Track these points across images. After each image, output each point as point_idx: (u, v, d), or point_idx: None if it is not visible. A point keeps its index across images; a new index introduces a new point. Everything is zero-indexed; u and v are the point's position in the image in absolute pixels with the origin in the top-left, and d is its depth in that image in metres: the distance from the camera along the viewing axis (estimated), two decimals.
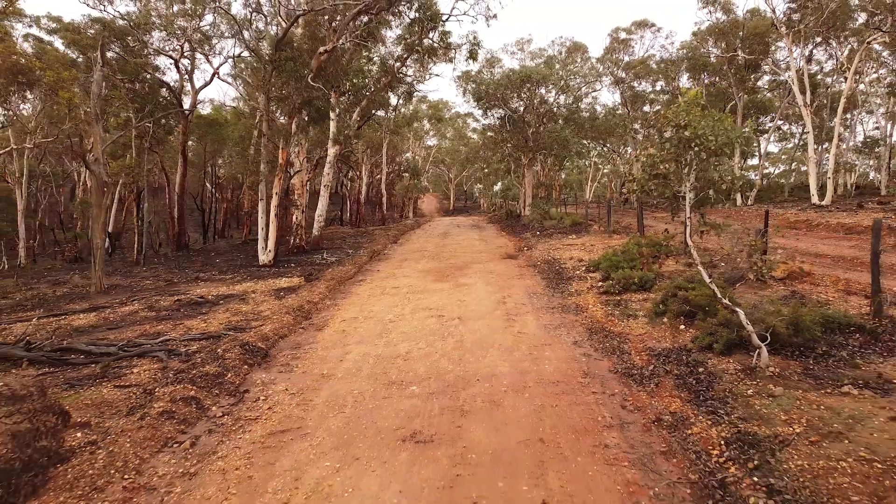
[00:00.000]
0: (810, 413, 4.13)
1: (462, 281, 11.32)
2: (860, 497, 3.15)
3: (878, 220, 5.95)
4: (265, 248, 14.18)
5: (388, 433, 4.51)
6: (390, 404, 5.09)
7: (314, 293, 9.94)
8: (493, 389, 5.35)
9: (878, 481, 3.22)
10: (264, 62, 13.47)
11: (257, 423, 4.84)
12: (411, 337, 7.25)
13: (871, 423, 3.87)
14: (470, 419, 4.72)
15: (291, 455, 4.22)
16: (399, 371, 5.98)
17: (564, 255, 13.20)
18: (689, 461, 3.94)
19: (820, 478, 3.39)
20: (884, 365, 4.93)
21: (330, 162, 18.10)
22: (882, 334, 5.53)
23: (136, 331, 7.87)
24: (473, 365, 6.07)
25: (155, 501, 3.65)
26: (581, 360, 6.11)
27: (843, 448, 3.61)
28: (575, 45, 28.95)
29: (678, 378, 5.25)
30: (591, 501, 3.50)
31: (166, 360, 6.31)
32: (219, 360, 6.09)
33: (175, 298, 9.84)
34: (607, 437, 4.35)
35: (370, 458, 4.11)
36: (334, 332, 7.74)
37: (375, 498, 3.59)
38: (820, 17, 19.70)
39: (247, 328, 7.64)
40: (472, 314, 8.34)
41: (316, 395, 5.41)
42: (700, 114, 5.08)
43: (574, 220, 19.66)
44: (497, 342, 6.87)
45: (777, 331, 5.31)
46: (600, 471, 3.87)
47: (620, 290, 8.65)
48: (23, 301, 11.78)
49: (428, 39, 17.56)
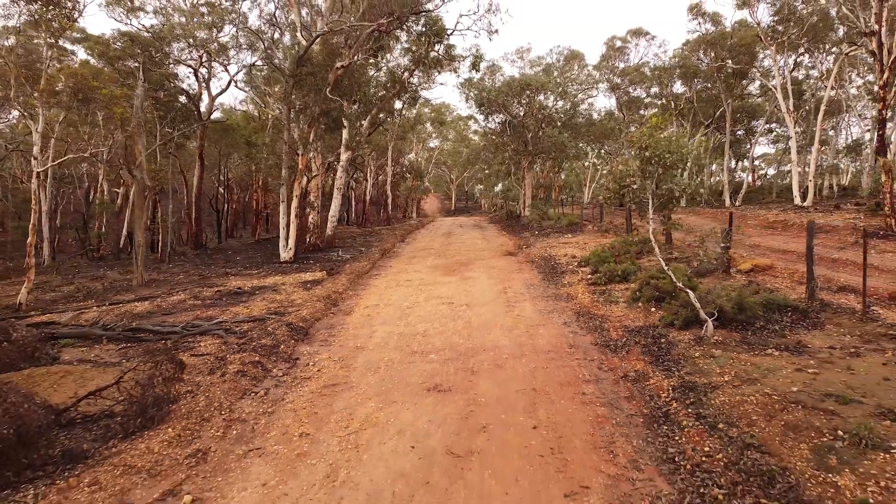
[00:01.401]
0: (738, 367, 5.44)
1: (467, 275, 12.63)
2: (757, 416, 4.46)
3: (812, 222, 7.25)
4: (286, 246, 15.48)
5: (416, 386, 5.82)
6: (415, 367, 6.40)
7: (337, 285, 11.26)
8: (497, 357, 6.66)
9: (771, 406, 4.53)
10: (286, 76, 14.76)
11: (311, 380, 6.15)
12: (426, 319, 8.56)
13: (780, 373, 5.17)
14: (479, 376, 6.03)
15: (343, 400, 5.53)
16: (419, 344, 7.29)
17: (559, 252, 14.50)
18: (644, 402, 5.26)
19: (734, 407, 4.70)
20: (805, 335, 6.23)
21: (342, 166, 19.42)
22: (811, 313, 6.83)
23: (189, 315, 9.18)
24: (480, 340, 7.38)
25: (248, 428, 4.96)
26: (568, 336, 7.42)
27: (754, 388, 4.92)
28: (572, 54, 30.29)
29: (644, 347, 6.56)
30: (569, 426, 4.81)
31: (225, 337, 7.61)
32: (270, 335, 7.41)
33: (215, 289, 11.15)
34: (585, 388, 5.65)
35: (404, 402, 5.42)
36: (360, 316, 9.05)
37: (411, 424, 4.90)
38: (802, 30, 20.99)
39: (285, 313, 8.94)
40: (478, 301, 9.65)
41: (354, 361, 6.72)
42: (659, 136, 6.37)
43: (570, 221, 20.94)
44: (499, 323, 8.18)
45: (724, 310, 6.62)
46: (578, 408, 5.18)
47: (606, 281, 9.95)
48: (72, 293, 13.09)
49: (434, 52, 18.87)
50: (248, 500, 3.82)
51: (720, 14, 24.76)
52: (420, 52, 18.85)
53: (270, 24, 22.48)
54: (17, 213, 28.24)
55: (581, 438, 4.58)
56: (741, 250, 12.75)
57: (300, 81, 14.40)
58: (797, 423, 4.21)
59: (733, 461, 3.99)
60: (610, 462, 4.20)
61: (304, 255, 16.76)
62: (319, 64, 15.09)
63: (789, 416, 4.32)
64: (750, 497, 3.58)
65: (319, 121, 15.21)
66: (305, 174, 15.61)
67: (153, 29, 20.55)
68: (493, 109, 26.96)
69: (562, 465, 4.16)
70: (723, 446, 4.21)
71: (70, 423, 4.89)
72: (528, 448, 4.43)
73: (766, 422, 4.36)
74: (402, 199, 46.93)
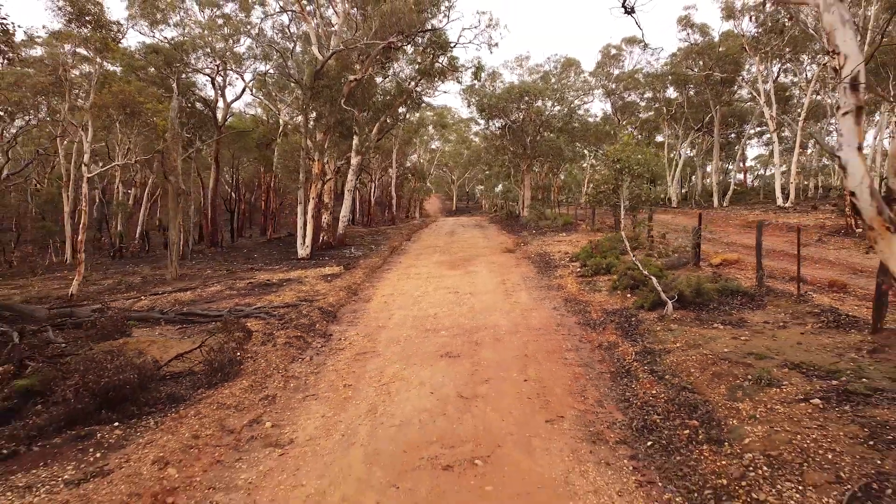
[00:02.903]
0: (688, 337, 6.82)
1: (470, 269, 14.02)
2: (695, 369, 5.84)
3: (761, 222, 8.62)
4: (303, 244, 16.88)
5: (430, 353, 7.21)
6: (429, 340, 7.80)
7: (355, 277, 12.65)
8: (496, 333, 8.05)
9: (706, 362, 5.91)
10: (304, 89, 16.15)
11: (344, 350, 7.54)
12: (436, 305, 9.95)
13: (719, 341, 6.55)
14: (481, 347, 7.42)
15: (373, 364, 6.92)
16: (431, 324, 8.68)
17: (554, 249, 15.89)
18: (613, 363, 6.64)
19: (680, 364, 6.09)
20: (748, 314, 7.61)
21: (353, 169, 20.81)
22: (757, 297, 8.22)
23: (230, 302, 10.57)
24: (482, 320, 8.77)
25: (302, 382, 6.36)
26: (556, 317, 8.81)
27: (697, 352, 6.30)
28: (568, 61, 31.65)
29: (617, 324, 7.95)
30: (552, 379, 6.19)
31: (267, 319, 9.00)
32: (305, 317, 8.80)
33: (246, 281, 12.55)
34: (567, 355, 7.04)
35: (422, 364, 6.81)
36: (379, 302, 10.45)
37: (430, 378, 6.29)
38: (783, 41, 22.37)
39: (313, 300, 10.33)
40: (480, 291, 11.04)
41: (378, 336, 8.11)
42: (630, 150, 7.74)
43: (566, 221, 22.33)
44: (498, 308, 9.57)
45: (684, 294, 8.01)
46: (560, 368, 6.56)
47: (592, 273, 11.34)
48: (113, 286, 14.49)
49: (438, 63, 20.26)
50: (313, 425, 5.21)
51: (708, 25, 26.13)
52: (425, 64, 20.23)
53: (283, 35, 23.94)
54: (41, 214, 29.64)
55: (560, 387, 5.97)
56: (717, 247, 14.14)
57: (317, 93, 15.79)
58: (721, 373, 5.59)
59: (671, 398, 5.37)
60: (581, 402, 5.59)
61: (319, 253, 18.15)
62: (334, 77, 16.48)
63: (717, 368, 5.71)
64: (678, 419, 4.97)
65: (334, 129, 16.59)
66: (321, 178, 17.00)
67: (174, 41, 21.98)
68: (493, 114, 28.36)
69: (544, 404, 5.55)
70: (665, 390, 5.59)
71: (162, 379, 6.28)
72: (519, 393, 5.82)
73: (700, 373, 5.75)
74: (406, 199, 48.34)
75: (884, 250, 2.69)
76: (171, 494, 4.05)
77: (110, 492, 4.01)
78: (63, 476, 4.32)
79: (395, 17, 14.86)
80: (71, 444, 4.85)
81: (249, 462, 4.57)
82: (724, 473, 4.05)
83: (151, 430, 5.06)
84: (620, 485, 4.09)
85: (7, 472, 4.41)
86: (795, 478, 3.76)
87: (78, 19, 11.50)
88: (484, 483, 4.13)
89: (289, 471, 4.39)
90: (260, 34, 21.57)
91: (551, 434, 4.89)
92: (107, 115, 12.94)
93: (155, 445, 4.70)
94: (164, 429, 5.03)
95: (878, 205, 2.68)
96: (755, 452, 4.12)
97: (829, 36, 3.25)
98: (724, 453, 4.28)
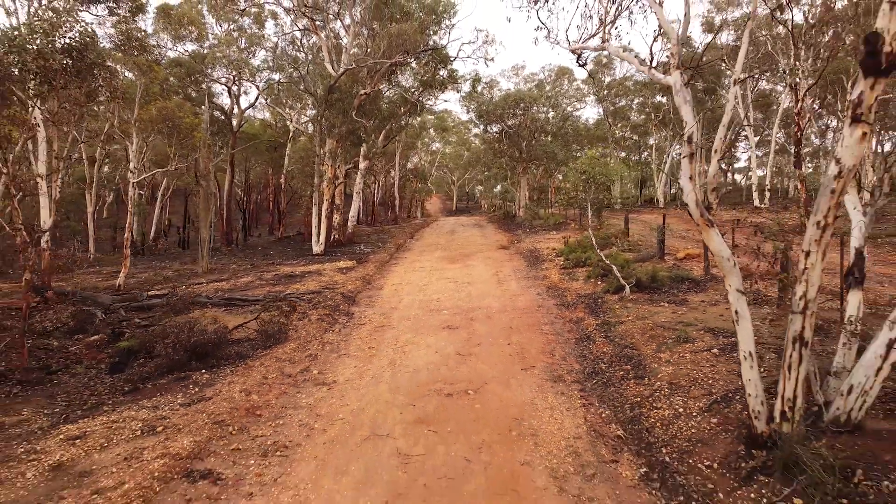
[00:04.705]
0: (638, 313, 8.62)
1: (468, 263, 15.82)
2: (637, 334, 7.64)
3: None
4: (318, 241, 18.68)
5: (435, 326, 9.02)
6: (433, 317, 9.60)
7: (367, 270, 14.46)
8: (488, 312, 9.85)
9: (647, 329, 7.71)
10: (318, 101, 17.95)
11: (365, 325, 9.35)
12: (439, 292, 11.75)
13: (661, 315, 8.35)
14: (475, 322, 9.22)
15: (389, 333, 8.73)
16: (435, 306, 10.48)
17: (543, 245, 17.68)
18: (579, 332, 8.45)
19: (627, 331, 7.89)
20: (691, 296, 9.42)
21: (361, 173, 22.62)
22: (702, 283, 10.02)
23: (262, 290, 12.37)
24: (477, 303, 10.57)
25: (335, 346, 8.17)
26: (539, 300, 10.62)
27: (642, 322, 8.09)
28: (562, 70, 33.46)
29: (586, 305, 9.76)
30: (529, 344, 8.00)
31: (298, 302, 10.80)
32: (331, 300, 10.61)
33: (273, 273, 14.35)
34: (543, 328, 8.84)
35: (428, 334, 8.61)
36: (390, 290, 12.26)
37: (434, 343, 8.09)
38: (758, 54, 24.16)
39: (334, 288, 12.13)
40: (476, 281, 12.84)
41: (391, 315, 9.92)
42: (594, 163, 9.52)
43: (557, 220, 24.11)
44: (491, 294, 11.37)
45: (641, 280, 9.81)
46: (537, 336, 8.37)
47: (573, 265, 13.14)
48: (151, 279, 16.28)
49: (439, 76, 22.07)
50: (348, 372, 7.01)
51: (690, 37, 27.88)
52: (427, 76, 22.03)
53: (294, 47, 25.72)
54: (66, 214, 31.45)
55: (535, 349, 7.77)
56: (688, 243, 15.94)
57: (331, 105, 17.59)
58: (656, 335, 7.40)
59: (616, 354, 7.18)
60: (550, 358, 7.39)
61: (331, 249, 19.95)
62: (345, 90, 18.28)
63: (653, 332, 7.51)
64: (618, 366, 6.78)
65: (346, 138, 18.40)
66: (334, 182, 18.81)
67: (196, 53, 23.79)
68: (491, 120, 30.15)
69: (522, 359, 7.35)
70: (614, 349, 7.40)
71: (230, 342, 8.08)
72: (503, 353, 7.62)
73: (641, 336, 7.55)
74: (408, 199, 50.11)
75: (705, 238, 4.48)
76: (259, 409, 5.86)
77: (216, 408, 5.82)
78: (176, 401, 6.12)
79: (402, 38, 16.64)
80: (175, 382, 6.66)
81: (306, 393, 6.38)
82: (639, 395, 5.86)
83: (230, 375, 6.86)
84: (569, 404, 5.90)
85: (135, 400, 6.22)
86: (684, 394, 5.57)
87: (127, 44, 13.27)
88: (474, 403, 5.94)
89: (336, 397, 6.20)
90: (275, 48, 23.37)
91: (525, 377, 6.70)
92: (152, 127, 14.71)
93: (237, 383, 6.51)
94: (240, 373, 6.84)
95: (701, 210, 4.45)
96: (663, 381, 5.94)
97: (677, 107, 5.01)
98: (643, 384, 6.09)
